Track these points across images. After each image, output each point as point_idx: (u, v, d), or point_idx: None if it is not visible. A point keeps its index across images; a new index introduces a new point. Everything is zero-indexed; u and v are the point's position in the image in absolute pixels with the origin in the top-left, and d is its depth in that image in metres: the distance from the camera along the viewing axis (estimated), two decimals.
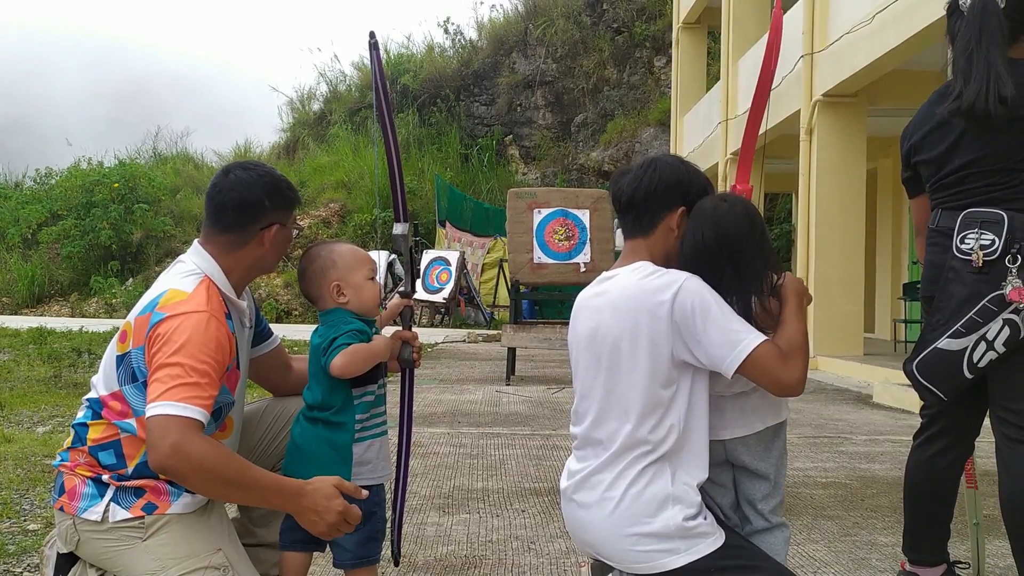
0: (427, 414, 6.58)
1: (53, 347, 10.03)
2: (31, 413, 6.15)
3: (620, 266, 2.22)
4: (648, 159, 2.25)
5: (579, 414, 2.21)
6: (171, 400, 1.99)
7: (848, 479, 4.61)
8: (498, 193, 20.58)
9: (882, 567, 3.17)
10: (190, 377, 2.03)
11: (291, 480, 2.15)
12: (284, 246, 2.38)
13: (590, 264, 8.69)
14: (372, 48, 2.57)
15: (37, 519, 3.56)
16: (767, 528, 2.23)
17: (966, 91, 2.44)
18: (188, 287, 2.18)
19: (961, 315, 2.43)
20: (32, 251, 21.63)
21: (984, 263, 2.40)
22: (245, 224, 2.28)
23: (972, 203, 2.50)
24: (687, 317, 2.02)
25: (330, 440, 2.33)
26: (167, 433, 1.96)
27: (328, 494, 2.13)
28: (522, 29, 24.55)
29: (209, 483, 2.02)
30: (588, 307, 2.22)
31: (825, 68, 10.43)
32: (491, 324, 17.16)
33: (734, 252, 2.11)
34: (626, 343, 2.08)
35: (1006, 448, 2.46)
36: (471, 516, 3.77)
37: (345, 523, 2.15)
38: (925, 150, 2.65)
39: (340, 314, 2.40)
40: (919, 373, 2.54)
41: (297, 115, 27.21)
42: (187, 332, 2.07)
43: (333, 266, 2.43)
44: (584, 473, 2.13)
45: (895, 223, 14.73)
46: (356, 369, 2.31)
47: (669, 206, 2.18)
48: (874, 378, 8.57)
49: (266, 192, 2.28)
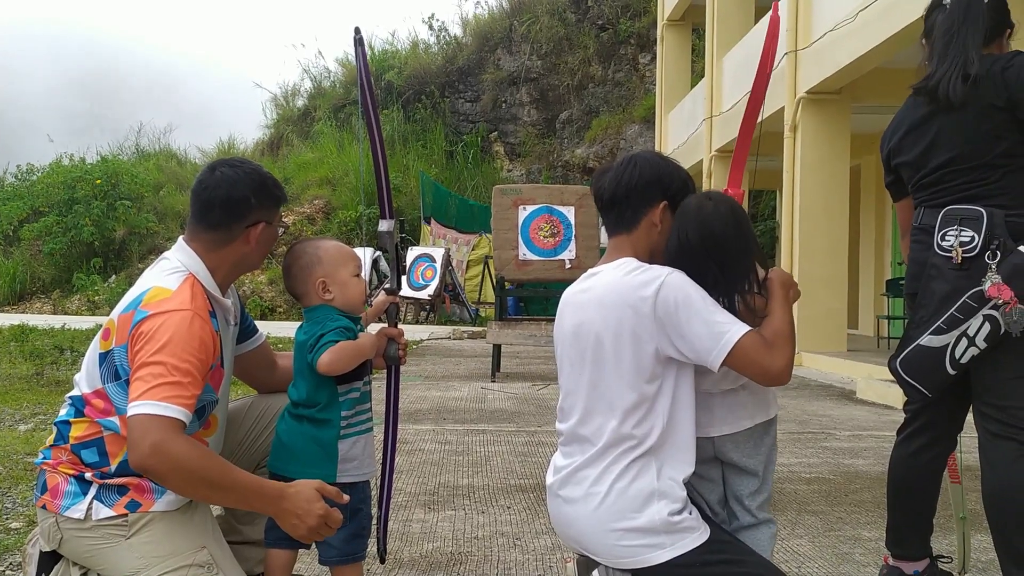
0: (412, 411, 6.57)
1: (35, 344, 9.95)
2: (13, 411, 6.10)
3: (604, 263, 2.23)
4: (628, 156, 2.27)
5: (564, 410, 2.22)
6: (153, 399, 1.98)
7: (832, 474, 4.63)
8: (483, 190, 20.54)
9: (865, 561, 3.19)
10: (172, 376, 2.01)
11: (272, 483, 2.14)
12: (270, 244, 2.36)
13: (575, 261, 8.69)
14: (357, 44, 2.56)
15: (19, 517, 3.54)
16: (754, 524, 2.24)
17: (938, 70, 2.50)
18: (172, 285, 2.17)
19: (943, 312, 2.45)
20: (14, 248, 21.47)
21: (964, 260, 2.42)
22: (231, 222, 2.26)
23: (951, 200, 2.53)
24: (670, 312, 2.02)
25: (315, 437, 2.33)
26: (148, 433, 1.95)
27: (309, 497, 2.11)
28: (507, 26, 24.52)
29: (189, 484, 2.01)
30: (573, 303, 2.22)
31: (809, 65, 10.47)
32: (476, 321, 17.15)
33: (719, 251, 2.11)
34: (610, 339, 2.09)
35: (989, 444, 2.48)
36: (456, 513, 3.77)
37: (326, 527, 2.13)
38: (904, 152, 2.69)
39: (325, 311, 2.40)
40: (903, 370, 2.56)
41: (281, 111, 27.09)
42: (170, 331, 2.06)
43: (319, 263, 2.42)
44: (570, 469, 2.14)
45: (878, 220, 14.81)
46: (343, 366, 2.31)
47: (650, 201, 2.19)
48: (857, 374, 8.62)
49: (252, 190, 2.27)
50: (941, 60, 2.52)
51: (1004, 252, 2.37)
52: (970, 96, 2.45)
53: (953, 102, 2.46)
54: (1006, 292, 2.33)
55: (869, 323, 14.52)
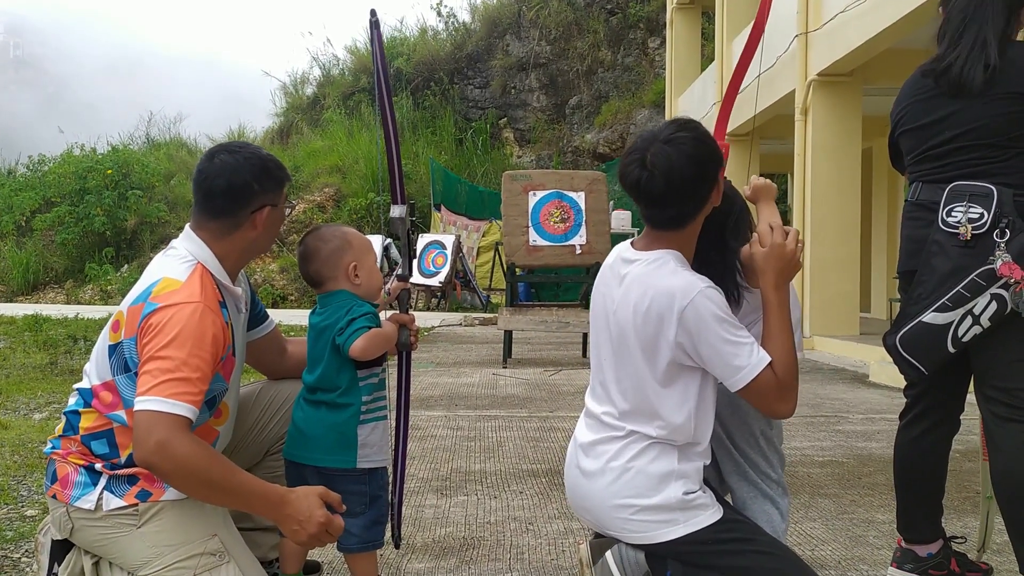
0: (424, 397, 6.58)
1: (49, 334, 10.00)
2: (27, 400, 6.14)
3: (644, 248, 2.18)
4: (668, 145, 2.07)
5: (593, 387, 2.23)
6: (160, 396, 1.97)
7: (845, 458, 4.62)
8: (493, 176, 20.50)
9: (879, 544, 3.18)
10: (181, 372, 2.00)
11: (275, 487, 2.12)
12: (277, 226, 2.35)
13: (586, 246, 8.67)
14: (373, 27, 2.53)
15: (35, 505, 3.56)
16: (763, 495, 2.27)
17: (950, 54, 2.45)
18: (181, 276, 2.15)
19: (945, 289, 2.42)
20: (26, 238, 21.54)
21: (972, 236, 2.39)
22: (236, 209, 2.24)
23: (958, 176, 2.48)
24: (691, 333, 2.02)
25: (334, 423, 2.32)
26: (153, 430, 1.94)
27: (312, 504, 2.08)
28: (515, 11, 24.42)
29: (192, 484, 2.00)
30: (610, 287, 2.20)
31: (820, 47, 10.40)
32: (487, 307, 17.15)
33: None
34: (634, 337, 2.08)
35: (994, 426, 2.46)
36: (469, 498, 3.78)
37: (327, 534, 2.11)
38: (908, 121, 2.64)
39: (346, 296, 2.39)
40: (902, 347, 2.52)
41: (290, 100, 27.06)
42: (179, 324, 2.04)
43: (350, 247, 2.43)
44: (591, 440, 2.15)
45: (891, 202, 14.72)
46: (373, 352, 2.32)
47: (705, 198, 2.14)
48: (870, 357, 8.58)
49: (254, 174, 2.24)
50: (953, 43, 2.47)
51: (1014, 231, 2.35)
52: (988, 83, 2.41)
53: (970, 91, 2.42)
54: (1017, 271, 2.31)
55: (882, 306, 14.46)
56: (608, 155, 21.29)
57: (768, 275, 2.13)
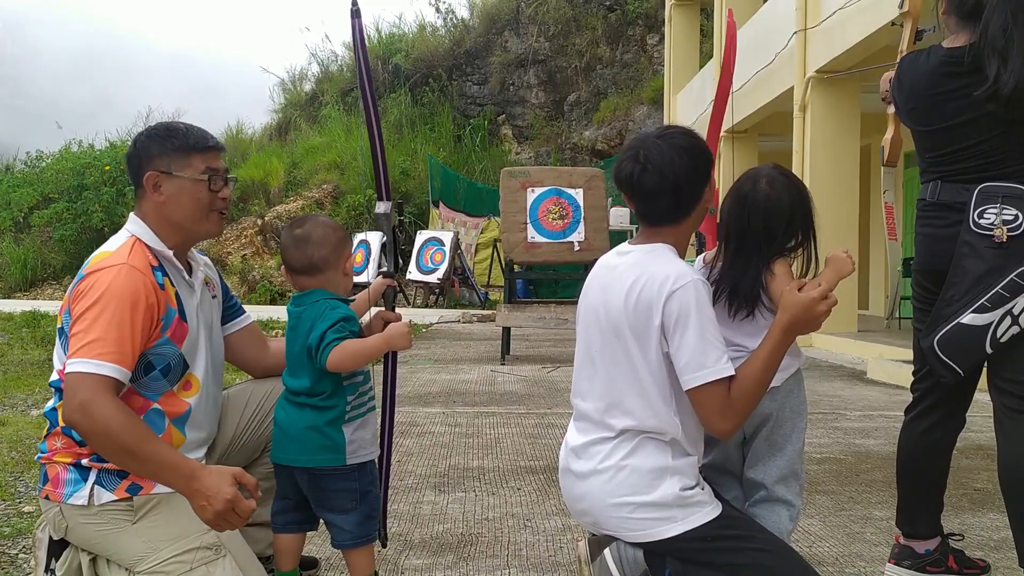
0: (422, 394, 6.58)
1: (47, 330, 10.00)
2: (25, 396, 6.13)
3: (639, 243, 2.20)
4: (658, 140, 2.12)
5: (579, 386, 2.22)
6: (85, 357, 2.00)
7: (843, 454, 4.62)
8: (491, 173, 20.49)
9: (877, 540, 3.18)
10: (106, 332, 2.02)
11: (192, 461, 2.06)
12: (195, 197, 2.29)
13: (584, 243, 8.67)
14: (354, 16, 2.51)
15: (32, 501, 3.56)
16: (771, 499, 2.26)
17: (1004, 72, 2.34)
18: (112, 247, 2.22)
19: (981, 290, 2.41)
20: (24, 235, 21.52)
21: (1008, 238, 2.38)
22: (135, 178, 2.31)
23: (987, 178, 2.45)
24: (671, 315, 2.02)
25: (319, 424, 2.29)
26: (79, 390, 1.97)
27: (222, 481, 2.00)
28: (514, 7, 24.40)
29: (108, 447, 2.00)
30: (600, 281, 2.20)
31: (818, 44, 10.39)
32: (485, 304, 17.14)
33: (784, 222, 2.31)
34: (627, 326, 2.08)
35: (1006, 418, 2.47)
36: (467, 495, 3.77)
37: (234, 514, 2.01)
38: (927, 121, 2.59)
39: (324, 296, 2.36)
40: (940, 349, 2.52)
41: (289, 96, 27.03)
42: (104, 285, 2.08)
43: (346, 241, 2.44)
44: (583, 443, 2.14)
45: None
46: (348, 367, 2.28)
47: (701, 190, 2.16)
48: (868, 354, 8.59)
49: (142, 142, 2.30)
50: (1004, 59, 2.34)
51: None
52: None
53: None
54: None
55: (880, 304, 14.46)
56: (606, 152, 21.29)
57: (785, 316, 2.13)
